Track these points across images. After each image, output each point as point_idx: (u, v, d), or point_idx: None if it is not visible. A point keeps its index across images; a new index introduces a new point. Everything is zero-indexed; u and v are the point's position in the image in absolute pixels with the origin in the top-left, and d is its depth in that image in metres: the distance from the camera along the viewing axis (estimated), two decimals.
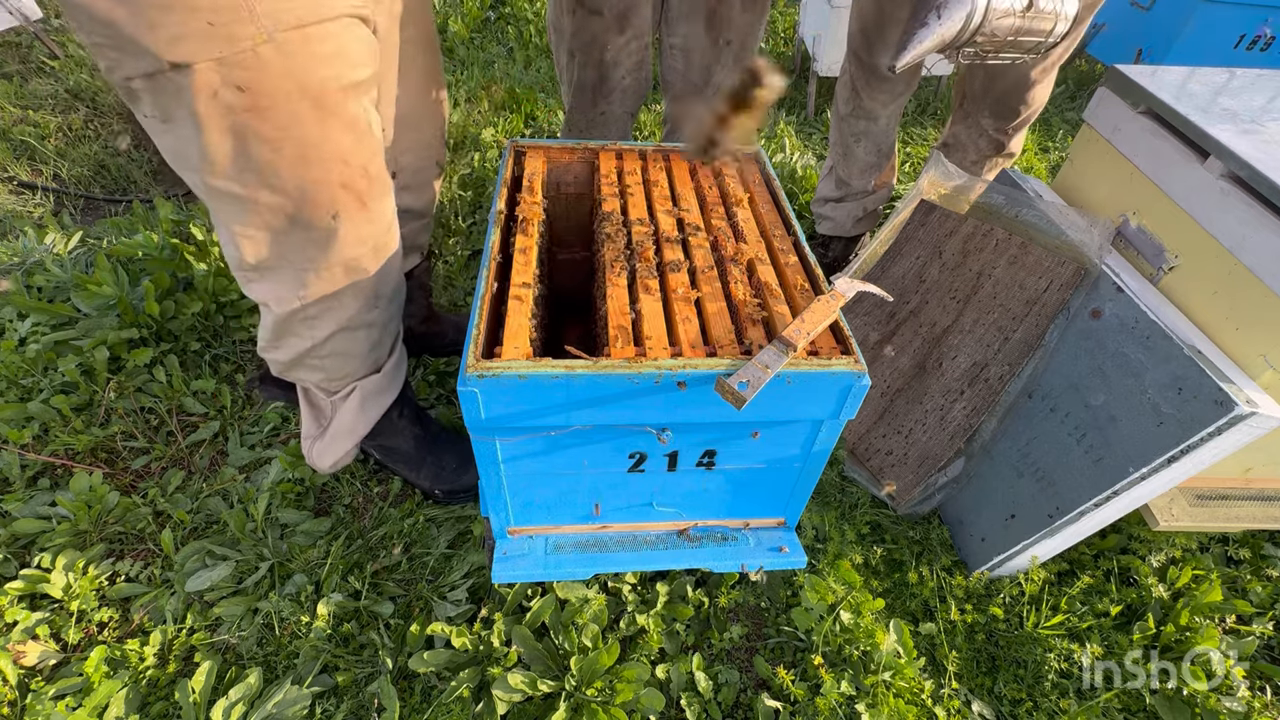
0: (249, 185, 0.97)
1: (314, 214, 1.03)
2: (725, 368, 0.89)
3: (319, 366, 1.26)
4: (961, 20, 1.12)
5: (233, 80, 0.86)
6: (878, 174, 1.99)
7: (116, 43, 0.82)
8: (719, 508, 1.23)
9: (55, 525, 1.41)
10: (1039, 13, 1.16)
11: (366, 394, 1.35)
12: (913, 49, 1.15)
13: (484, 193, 2.42)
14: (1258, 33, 2.85)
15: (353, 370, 1.30)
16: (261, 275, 1.10)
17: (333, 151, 1.00)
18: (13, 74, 2.92)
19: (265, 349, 1.25)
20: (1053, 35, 1.21)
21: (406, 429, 1.46)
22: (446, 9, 3.66)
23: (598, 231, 1.19)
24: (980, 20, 1.12)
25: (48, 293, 1.89)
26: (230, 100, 0.88)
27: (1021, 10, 1.14)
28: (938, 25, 1.13)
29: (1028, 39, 1.20)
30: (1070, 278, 1.29)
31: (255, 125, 0.91)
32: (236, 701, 1.16)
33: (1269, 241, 1.02)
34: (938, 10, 1.12)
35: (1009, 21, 1.15)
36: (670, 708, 1.25)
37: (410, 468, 1.49)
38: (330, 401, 1.35)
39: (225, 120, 0.89)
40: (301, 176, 0.99)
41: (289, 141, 0.95)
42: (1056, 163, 2.95)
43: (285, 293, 1.12)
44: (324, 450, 1.39)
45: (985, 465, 1.43)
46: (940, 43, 1.15)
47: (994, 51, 1.22)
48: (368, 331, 1.25)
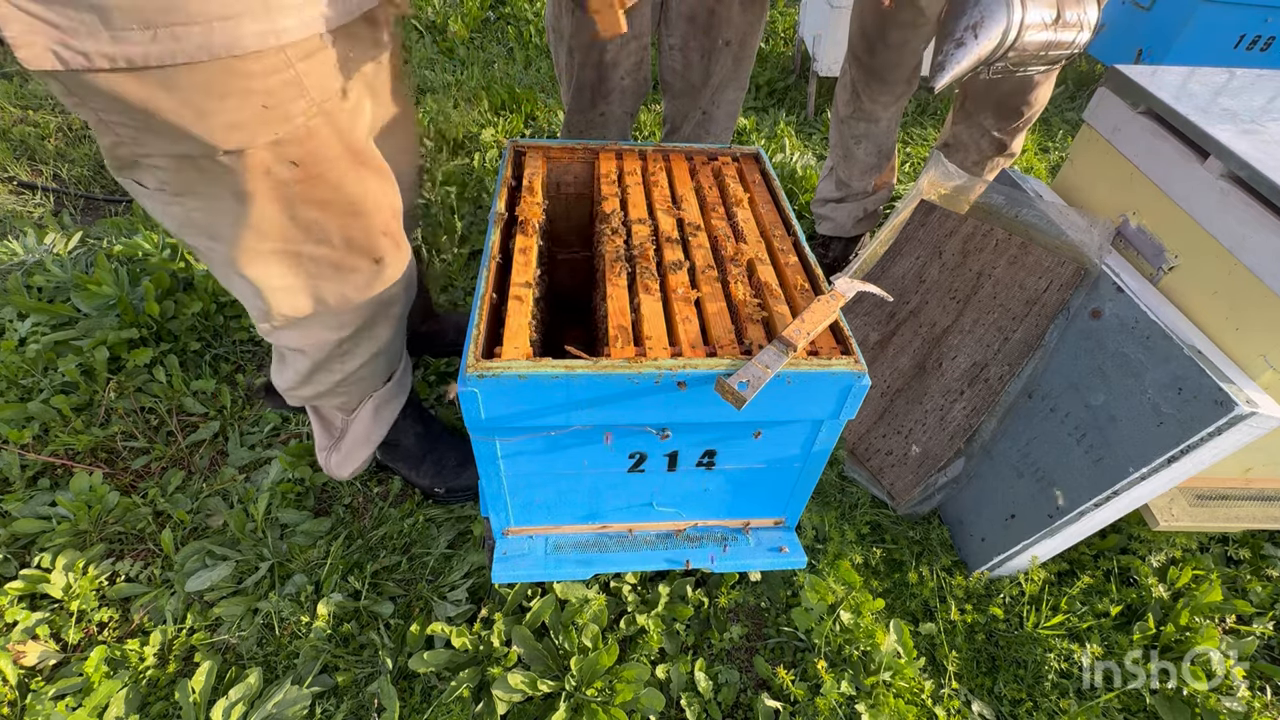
0: (293, 242, 0.96)
1: (359, 262, 1.04)
2: (725, 368, 0.89)
3: (345, 392, 1.27)
4: (998, 37, 1.12)
5: (287, 157, 0.85)
6: (878, 175, 1.99)
7: (147, 126, 0.77)
8: (719, 508, 1.23)
9: (55, 525, 1.41)
10: (1065, 24, 1.16)
11: (380, 403, 1.36)
12: (951, 69, 1.14)
13: (484, 193, 2.42)
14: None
15: (372, 389, 1.31)
16: (295, 325, 1.08)
17: (374, 201, 1.01)
18: (13, 74, 2.92)
19: (293, 388, 1.23)
20: (1076, 45, 1.21)
21: (410, 427, 1.47)
22: (446, 9, 3.66)
23: (598, 231, 1.19)
24: (1015, 36, 1.12)
25: (48, 293, 1.89)
26: (284, 175, 0.87)
27: (1051, 23, 1.14)
28: (975, 45, 1.12)
29: (1055, 51, 1.20)
30: (1070, 278, 1.29)
31: (306, 192, 0.91)
32: (236, 701, 1.16)
33: (1269, 241, 1.02)
34: (974, 29, 1.12)
35: (1041, 36, 1.14)
36: (670, 708, 1.25)
37: (411, 465, 1.49)
38: (343, 417, 1.36)
39: (276, 193, 0.88)
40: (348, 228, 0.99)
41: (337, 200, 0.95)
42: (1056, 163, 2.95)
43: (324, 337, 1.11)
44: (343, 461, 1.40)
45: (985, 465, 1.43)
46: (978, 61, 1.15)
47: (1021, 64, 1.22)
48: (389, 354, 1.26)
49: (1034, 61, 1.22)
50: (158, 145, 0.80)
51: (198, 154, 0.80)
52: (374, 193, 1.01)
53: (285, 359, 1.20)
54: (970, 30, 1.13)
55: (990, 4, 1.12)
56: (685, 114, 1.79)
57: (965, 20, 1.14)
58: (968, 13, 1.14)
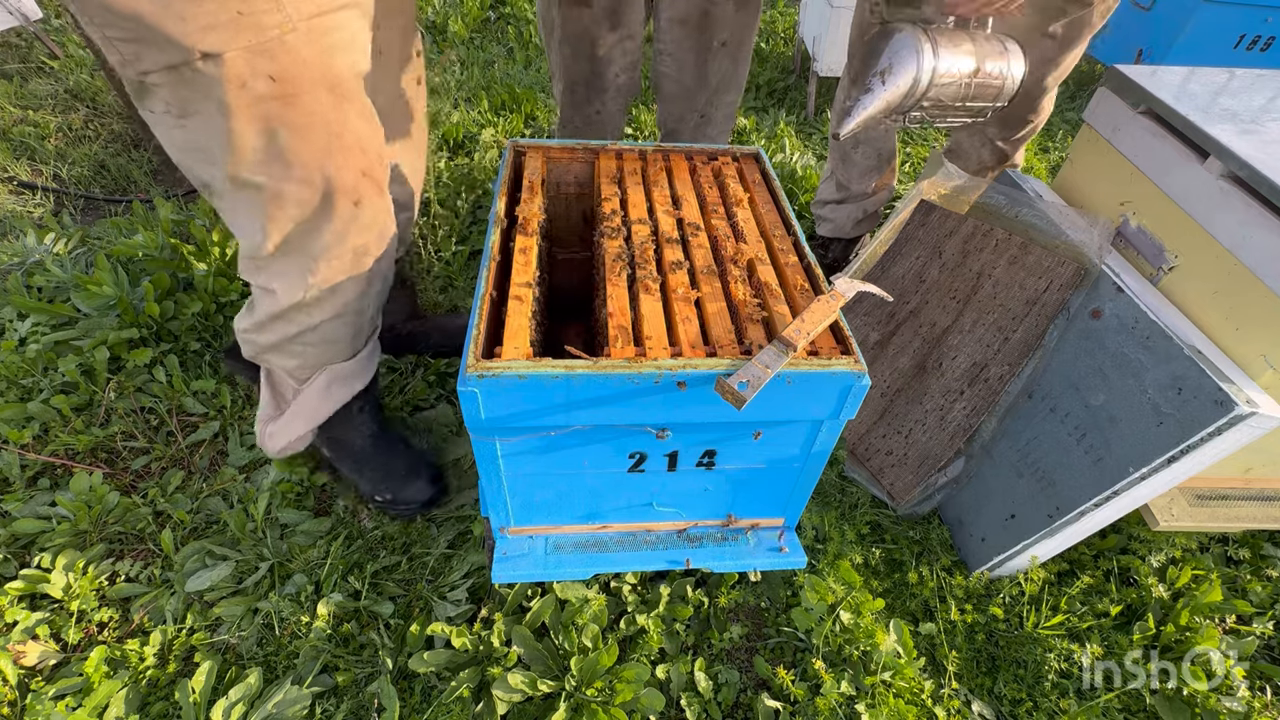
0: (275, 176, 0.97)
1: (339, 201, 1.04)
2: (725, 368, 0.89)
3: (299, 353, 1.23)
4: (907, 86, 1.10)
5: (263, 70, 0.87)
6: (877, 177, 1.99)
7: (137, 35, 0.81)
8: (719, 508, 1.23)
9: (55, 525, 1.41)
10: (987, 76, 1.15)
11: (334, 378, 1.31)
12: (858, 115, 1.13)
13: (484, 193, 2.42)
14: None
15: (330, 358, 1.28)
16: (272, 263, 1.09)
17: (354, 139, 1.01)
18: (13, 74, 2.92)
19: (250, 330, 1.21)
20: (1001, 97, 1.19)
21: (364, 425, 1.41)
22: (446, 9, 3.66)
23: (598, 231, 1.19)
24: (926, 85, 1.10)
25: (48, 293, 1.89)
26: (260, 90, 0.88)
27: (968, 76, 1.13)
28: (882, 91, 1.11)
29: (976, 104, 1.19)
30: (1070, 278, 1.29)
31: (283, 114, 0.92)
32: (236, 701, 1.16)
33: (1269, 241, 1.02)
34: (882, 75, 1.11)
35: (955, 88, 1.13)
36: (670, 708, 1.25)
37: (355, 467, 1.43)
38: (294, 388, 1.31)
39: (254, 110, 0.90)
40: (327, 164, 1.00)
41: (315, 129, 0.96)
42: (1056, 163, 2.95)
43: (294, 280, 1.11)
44: (277, 431, 1.34)
45: (985, 465, 1.43)
46: (886, 108, 1.13)
47: (941, 115, 1.21)
48: (355, 319, 1.24)
49: (954, 113, 1.20)
50: (150, 57, 0.83)
51: (179, 61, 0.83)
52: (355, 130, 1.01)
53: (258, 301, 1.19)
54: (879, 77, 1.12)
55: (900, 52, 1.10)
56: (681, 117, 1.78)
57: (875, 67, 1.13)
58: (878, 59, 1.12)
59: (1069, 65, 1.59)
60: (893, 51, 1.11)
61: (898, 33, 1.11)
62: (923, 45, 1.09)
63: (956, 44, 1.13)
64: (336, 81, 0.96)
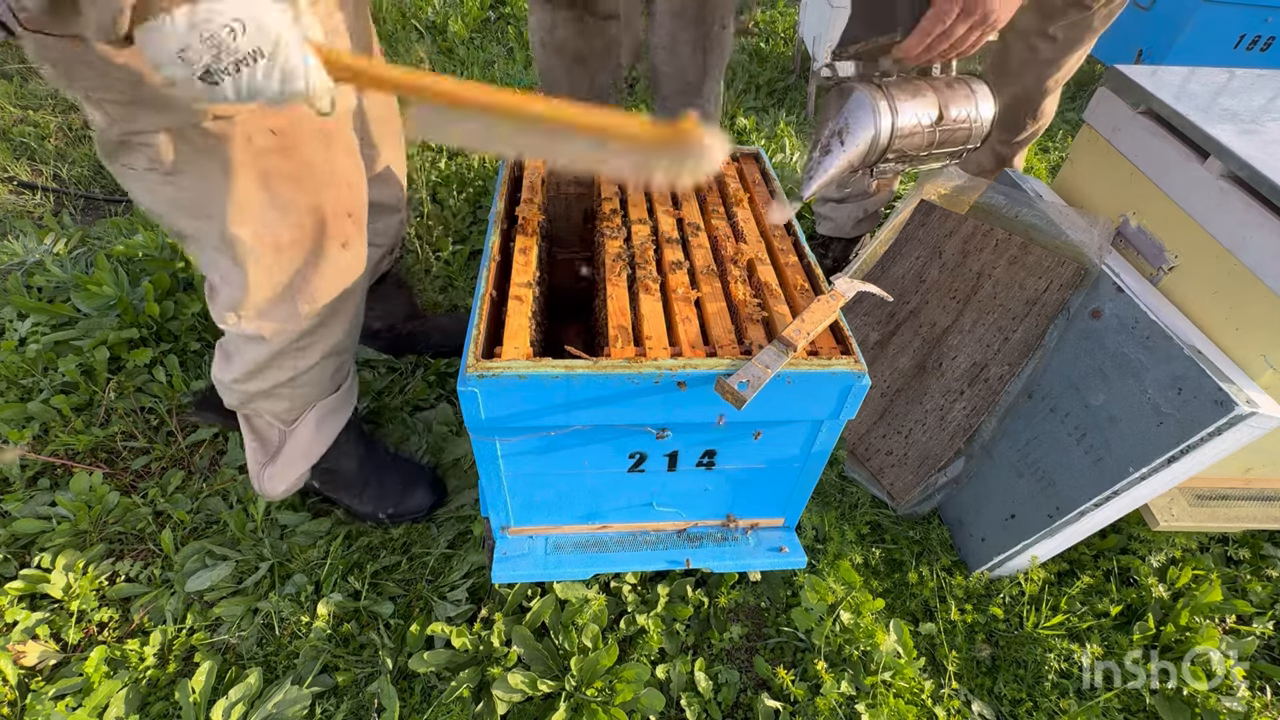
0: (270, 224, 0.96)
1: (328, 246, 1.04)
2: (725, 368, 0.89)
3: (289, 395, 1.21)
4: (866, 144, 1.07)
5: (267, 124, 0.87)
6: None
7: (135, 98, 0.78)
8: (719, 508, 1.23)
9: (55, 525, 1.41)
10: (952, 123, 1.11)
11: (324, 414, 1.29)
12: (819, 178, 1.10)
13: (484, 193, 2.42)
14: None
15: (317, 396, 1.26)
16: (262, 312, 1.07)
17: (342, 179, 1.01)
18: (13, 74, 2.92)
19: (239, 380, 1.18)
20: (972, 140, 1.16)
21: (352, 450, 1.41)
22: (446, 9, 3.66)
23: (598, 231, 1.19)
24: (887, 141, 1.07)
25: (48, 293, 1.89)
26: (261, 144, 0.88)
27: (931, 125, 1.10)
28: (841, 152, 1.08)
29: (945, 149, 1.16)
30: (1070, 278, 1.29)
31: (281, 165, 0.92)
32: (236, 701, 1.16)
33: (1269, 241, 1.02)
34: (839, 136, 1.07)
35: (919, 138, 1.10)
36: (670, 708, 1.25)
37: (353, 492, 1.43)
38: (281, 430, 1.29)
39: (255, 164, 0.89)
40: (317, 208, 0.99)
41: (308, 176, 0.95)
42: (1056, 163, 2.95)
43: (286, 326, 1.10)
44: (276, 476, 1.32)
45: (985, 465, 1.43)
46: (848, 167, 1.10)
47: (912, 163, 1.17)
48: (340, 357, 1.23)
49: (926, 159, 1.17)
50: (147, 119, 0.80)
51: (185, 123, 0.81)
52: (343, 170, 1.01)
53: (238, 350, 1.16)
54: (836, 137, 1.08)
55: (856, 111, 1.06)
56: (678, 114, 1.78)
57: (831, 126, 1.09)
58: (834, 119, 1.09)
59: (1071, 68, 1.58)
60: (849, 111, 1.08)
61: (853, 92, 1.08)
62: (878, 103, 1.06)
63: (916, 94, 1.09)
64: (328, 126, 0.96)
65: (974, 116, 1.12)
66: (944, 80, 1.14)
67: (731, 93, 3.10)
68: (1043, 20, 1.46)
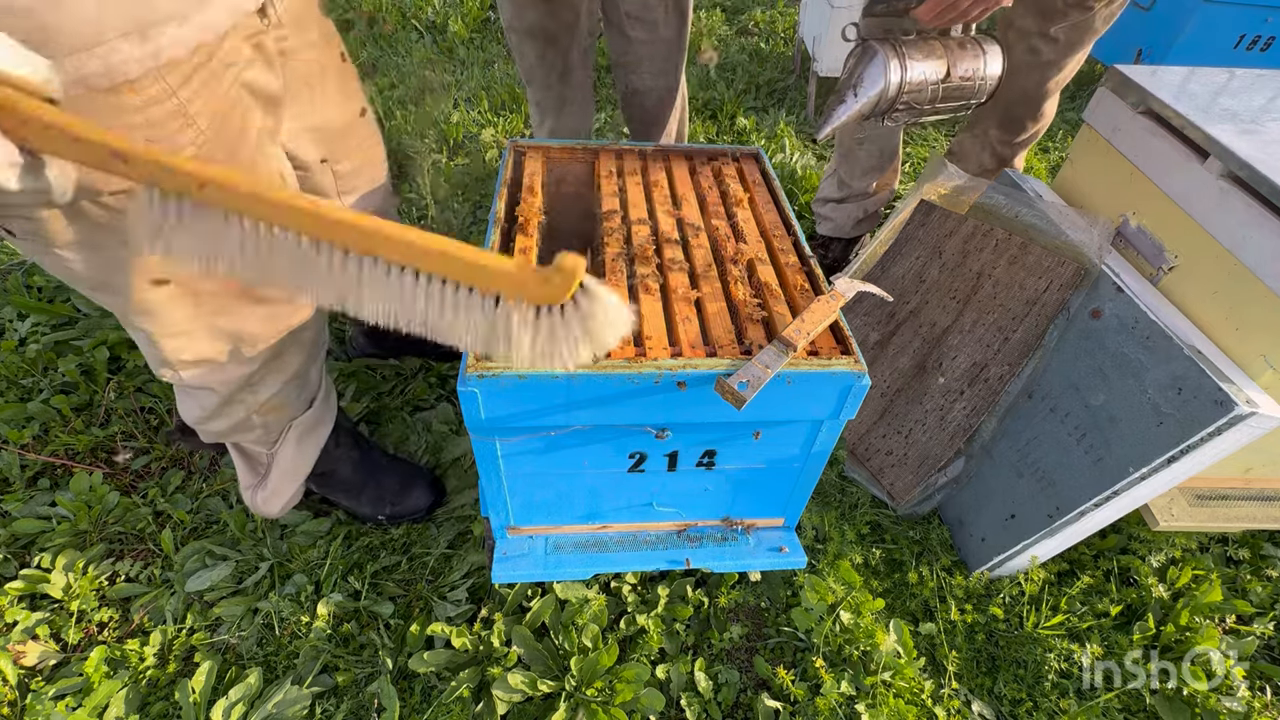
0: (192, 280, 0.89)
1: (267, 291, 0.97)
2: (725, 368, 0.89)
3: (260, 425, 1.19)
4: (876, 96, 1.22)
5: None
6: (879, 176, 1.98)
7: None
8: (719, 508, 1.23)
9: (55, 525, 1.41)
10: (959, 80, 1.26)
11: (302, 432, 1.28)
12: (833, 121, 1.26)
13: (484, 193, 2.42)
14: None
15: (290, 416, 1.24)
16: (200, 364, 1.01)
17: None
18: None
19: (201, 422, 1.14)
20: (979, 95, 1.30)
21: (344, 455, 1.40)
22: (446, 9, 3.66)
23: (597, 231, 1.19)
24: (895, 94, 1.22)
25: (48, 293, 1.89)
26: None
27: (938, 81, 1.24)
28: (854, 102, 1.24)
29: (949, 103, 1.29)
30: (1070, 278, 1.29)
31: None
32: (236, 701, 1.16)
33: (1269, 241, 1.02)
34: (854, 88, 1.24)
35: (927, 93, 1.25)
36: (670, 708, 1.25)
37: (350, 495, 1.43)
38: (267, 451, 1.28)
39: None
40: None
41: None
42: (1056, 163, 2.95)
43: (230, 374, 1.05)
44: (270, 497, 1.32)
45: (985, 465, 1.43)
46: (860, 115, 1.25)
47: (920, 114, 1.31)
48: (301, 380, 1.20)
49: (931, 113, 1.31)
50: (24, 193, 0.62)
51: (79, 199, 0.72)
52: None
53: (190, 394, 1.11)
54: (851, 89, 1.24)
55: (869, 66, 1.22)
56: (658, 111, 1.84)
57: (849, 78, 1.26)
58: (852, 72, 1.25)
59: (1072, 69, 1.58)
60: (864, 66, 1.23)
61: (869, 48, 1.23)
62: (890, 59, 1.20)
63: (928, 53, 1.23)
64: (249, 165, 0.89)
65: (980, 74, 1.27)
66: (958, 40, 1.27)
67: (732, 93, 3.10)
68: (1044, 22, 1.46)
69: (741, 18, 3.90)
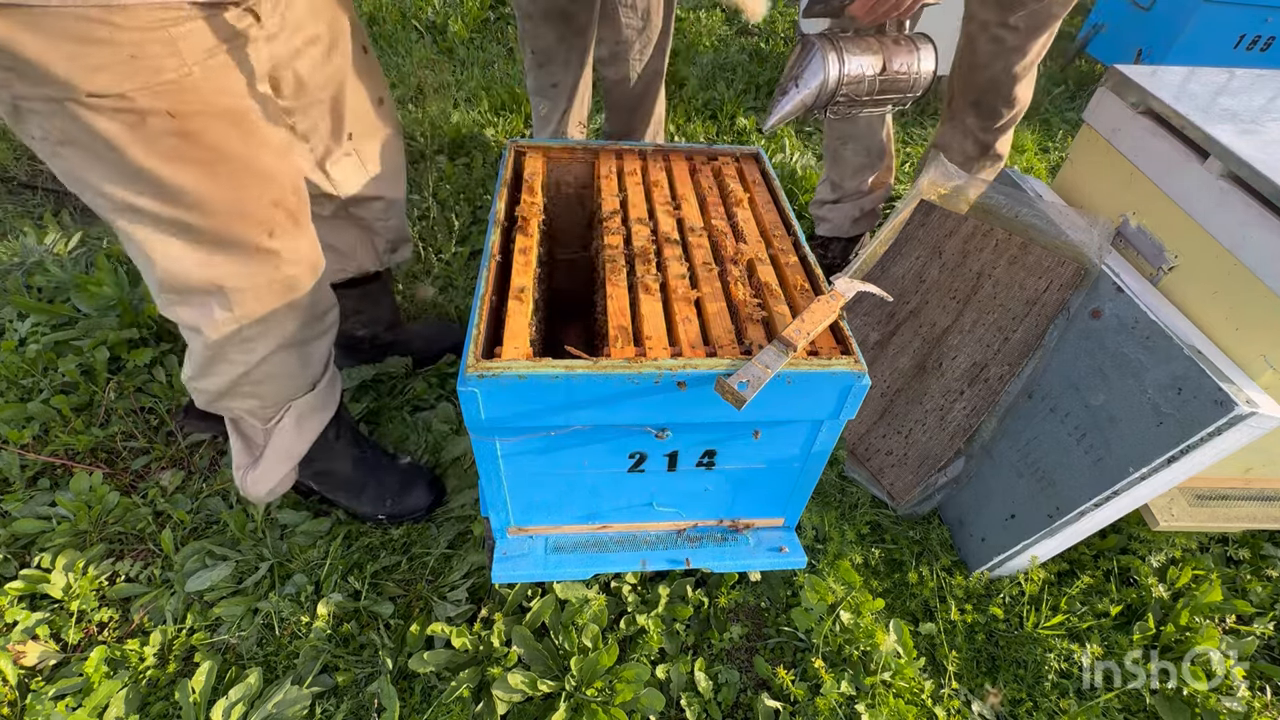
0: (178, 207, 0.94)
1: (248, 233, 1.01)
2: (725, 368, 0.89)
3: (253, 393, 1.19)
4: (817, 87, 1.30)
5: (161, 106, 0.84)
6: (870, 174, 1.99)
7: (10, 66, 0.76)
8: (719, 508, 1.23)
9: (55, 525, 1.41)
10: (894, 74, 1.33)
11: (302, 413, 1.27)
12: (776, 114, 1.33)
13: (484, 193, 2.42)
14: None
15: (288, 393, 1.24)
16: (187, 299, 1.04)
17: (262, 169, 0.98)
18: None
19: (194, 378, 1.17)
20: (914, 89, 1.37)
21: (344, 451, 1.40)
22: (446, 9, 3.66)
23: (597, 231, 1.19)
24: (834, 87, 1.30)
25: (48, 293, 1.89)
26: (158, 126, 0.85)
27: (874, 75, 1.32)
28: (796, 93, 1.31)
29: (888, 96, 1.37)
30: (1070, 278, 1.29)
31: (183, 149, 0.89)
32: (236, 701, 1.16)
33: (1269, 241, 1.02)
34: (795, 80, 1.31)
35: (864, 85, 1.32)
36: (670, 708, 1.25)
37: (350, 493, 1.43)
38: (264, 429, 1.27)
39: (152, 146, 0.86)
40: (234, 197, 0.97)
41: (221, 162, 0.93)
42: (1056, 163, 2.95)
43: (218, 315, 1.06)
44: (259, 478, 1.30)
45: (985, 465, 1.43)
46: (802, 107, 1.32)
47: (859, 107, 1.38)
48: (302, 350, 1.20)
49: (870, 104, 1.39)
50: (23, 87, 0.78)
51: (62, 96, 0.79)
52: (262, 162, 0.98)
53: (189, 345, 1.14)
54: (793, 81, 1.31)
55: (810, 60, 1.30)
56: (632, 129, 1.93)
57: (790, 72, 1.33)
58: (793, 66, 1.33)
59: (1038, 53, 1.59)
60: (804, 59, 1.31)
61: (809, 44, 1.31)
62: (828, 54, 1.28)
63: (865, 49, 1.31)
64: (241, 115, 0.93)
65: (915, 69, 1.34)
66: (893, 38, 1.35)
67: (732, 93, 3.10)
68: (1003, 12, 1.49)
69: (741, 17, 3.90)
